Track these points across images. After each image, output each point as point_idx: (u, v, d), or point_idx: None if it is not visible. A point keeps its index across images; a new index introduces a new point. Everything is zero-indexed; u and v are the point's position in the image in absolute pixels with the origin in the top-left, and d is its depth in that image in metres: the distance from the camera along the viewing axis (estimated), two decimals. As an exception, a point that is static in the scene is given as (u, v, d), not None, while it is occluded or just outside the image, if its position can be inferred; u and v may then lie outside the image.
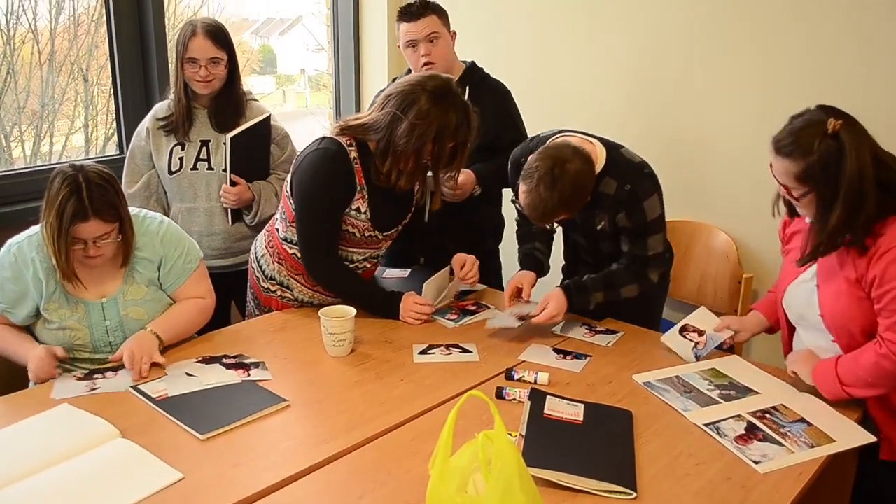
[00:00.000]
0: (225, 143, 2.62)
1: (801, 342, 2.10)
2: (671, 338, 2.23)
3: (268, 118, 2.75)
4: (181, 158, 2.73)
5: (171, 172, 2.73)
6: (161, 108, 2.75)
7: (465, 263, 2.48)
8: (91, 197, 1.93)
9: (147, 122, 2.75)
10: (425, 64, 2.73)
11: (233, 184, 2.67)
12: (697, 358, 2.15)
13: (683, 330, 2.23)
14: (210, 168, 2.72)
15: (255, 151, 2.75)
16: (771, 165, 1.90)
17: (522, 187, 2.13)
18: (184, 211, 2.75)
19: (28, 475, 1.53)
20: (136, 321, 2.12)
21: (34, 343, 2.06)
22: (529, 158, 2.17)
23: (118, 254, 2.07)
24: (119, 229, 2.02)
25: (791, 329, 2.15)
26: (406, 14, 2.76)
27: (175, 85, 2.70)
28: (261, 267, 2.49)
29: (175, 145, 2.72)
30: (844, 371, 1.86)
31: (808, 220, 1.94)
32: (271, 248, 2.46)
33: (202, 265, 2.28)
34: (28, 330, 2.12)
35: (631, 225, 2.30)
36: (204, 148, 2.74)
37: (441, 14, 2.79)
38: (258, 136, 2.72)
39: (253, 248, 2.58)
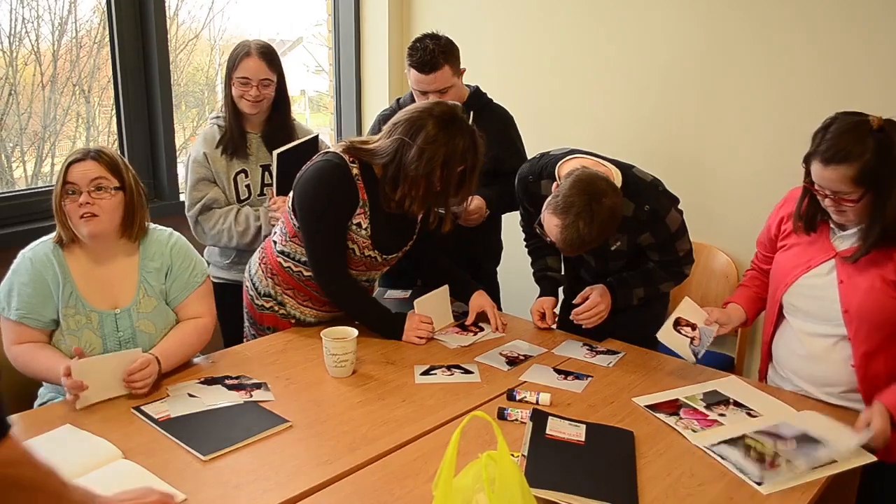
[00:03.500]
0: (272, 159, 2.64)
1: (792, 334, 2.13)
2: (667, 335, 2.23)
3: (316, 137, 2.77)
4: (248, 186, 2.75)
5: (240, 201, 2.74)
6: (209, 133, 2.74)
7: (490, 315, 2.51)
8: (95, 149, 2.04)
9: (201, 148, 2.72)
10: None
11: None
12: (696, 356, 2.17)
13: (676, 324, 2.24)
14: None
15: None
16: (809, 181, 1.94)
17: (556, 221, 2.11)
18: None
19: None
20: (146, 334, 2.13)
21: (64, 358, 1.98)
22: (559, 189, 2.14)
23: (122, 229, 2.12)
24: (122, 191, 2.07)
25: (776, 324, 2.19)
26: (418, 64, 2.67)
27: (225, 106, 2.72)
28: (254, 285, 2.49)
29: (238, 173, 2.73)
30: None
31: (847, 223, 1.98)
32: (264, 263, 2.46)
33: (208, 282, 2.29)
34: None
35: (657, 241, 2.34)
36: (266, 173, 2.76)
37: (453, 61, 2.71)
38: (306, 154, 2.70)
39: (247, 267, 2.58)
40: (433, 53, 2.64)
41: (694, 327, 2.23)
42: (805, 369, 2.10)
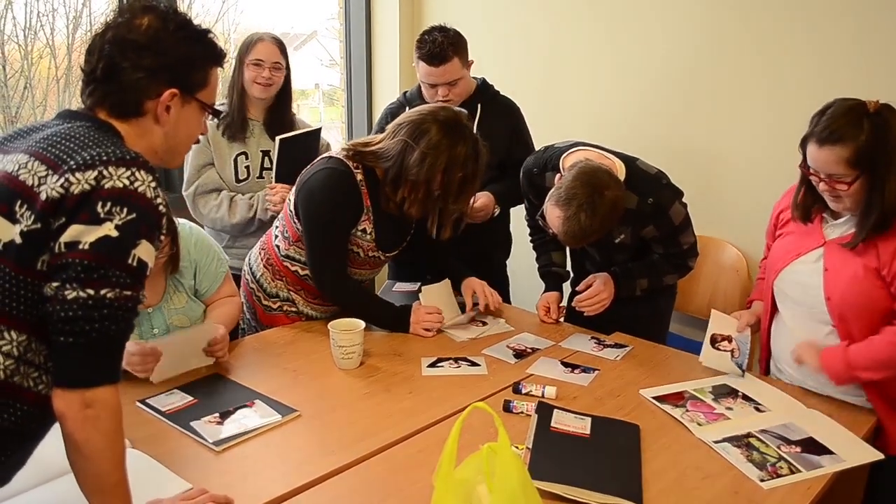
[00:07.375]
0: (274, 145, 2.69)
1: (783, 326, 2.12)
2: (708, 356, 2.16)
3: (318, 130, 2.82)
4: (248, 167, 2.80)
5: (238, 181, 2.80)
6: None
7: (479, 293, 2.51)
8: None
9: None
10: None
11: None
12: (741, 368, 2.12)
13: (713, 341, 2.19)
14: None
15: (302, 162, 2.77)
16: (805, 165, 1.92)
17: (558, 212, 2.12)
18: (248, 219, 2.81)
19: (37, 485, 1.54)
20: (179, 329, 2.17)
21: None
22: (562, 181, 2.15)
23: (166, 264, 2.14)
24: (171, 242, 2.09)
25: (772, 314, 2.18)
26: (427, 56, 2.66)
27: (232, 91, 2.78)
28: (261, 286, 2.49)
29: (239, 154, 2.79)
30: (856, 354, 1.89)
31: (843, 211, 1.96)
32: (270, 266, 2.47)
33: (227, 265, 2.36)
34: None
35: (660, 234, 2.34)
36: (266, 158, 2.82)
37: (461, 52, 2.70)
38: (307, 145, 2.77)
39: (247, 268, 2.57)
40: (442, 46, 2.63)
41: (730, 339, 2.17)
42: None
